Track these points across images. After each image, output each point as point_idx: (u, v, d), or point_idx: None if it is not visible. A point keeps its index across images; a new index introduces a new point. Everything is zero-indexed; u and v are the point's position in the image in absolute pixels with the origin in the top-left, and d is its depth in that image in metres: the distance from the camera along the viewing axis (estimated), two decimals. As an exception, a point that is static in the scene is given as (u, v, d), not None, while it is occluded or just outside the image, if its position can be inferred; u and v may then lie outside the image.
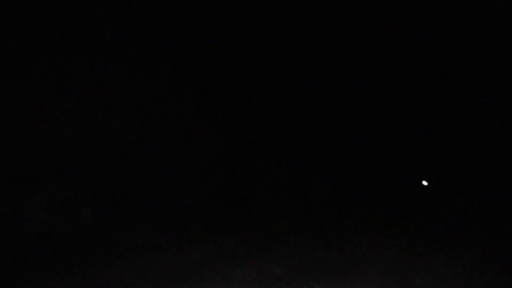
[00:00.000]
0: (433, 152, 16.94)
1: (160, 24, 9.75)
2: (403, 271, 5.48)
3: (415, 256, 6.41)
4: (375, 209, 13.06)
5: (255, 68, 11.94)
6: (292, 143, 13.21)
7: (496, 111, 14.35)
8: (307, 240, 7.64)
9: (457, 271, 5.56)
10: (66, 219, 7.34)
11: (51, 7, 8.38)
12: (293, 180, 13.07)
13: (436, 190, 16.23)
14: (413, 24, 11.55)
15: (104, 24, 8.61)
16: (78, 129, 7.87)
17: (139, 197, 8.58)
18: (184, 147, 9.92)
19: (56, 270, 5.07)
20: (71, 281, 4.68)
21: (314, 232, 8.68)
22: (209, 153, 10.54)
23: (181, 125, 9.92)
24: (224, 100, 11.24)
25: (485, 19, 10.74)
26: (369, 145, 16.00)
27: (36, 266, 5.25)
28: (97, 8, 9.18)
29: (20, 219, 6.87)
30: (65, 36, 7.92)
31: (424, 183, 10.63)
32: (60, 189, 7.48)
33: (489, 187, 15.07)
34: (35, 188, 7.22)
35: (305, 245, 7.09)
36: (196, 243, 6.96)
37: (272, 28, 11.30)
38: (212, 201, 10.00)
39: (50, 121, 7.50)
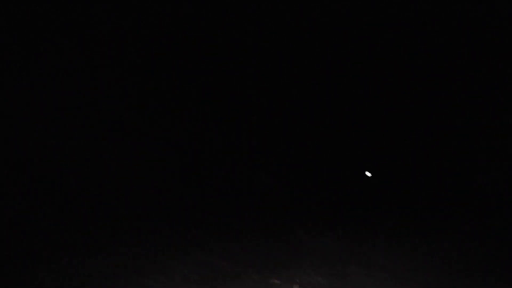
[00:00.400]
0: (371, 144, 16.78)
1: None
2: (340, 259, 5.70)
3: (353, 244, 6.82)
4: (314, 200, 13.07)
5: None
6: (233, 135, 13.19)
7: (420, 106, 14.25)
8: (249, 232, 7.71)
9: (394, 258, 5.83)
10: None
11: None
12: (236, 172, 13.05)
13: (375, 180, 16.11)
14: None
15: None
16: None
17: (74, 193, 8.35)
18: (124, 145, 9.85)
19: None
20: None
21: (255, 224, 8.72)
22: (141, 149, 10.47)
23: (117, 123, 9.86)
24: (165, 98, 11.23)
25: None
26: (311, 138, 15.92)
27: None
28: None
29: None
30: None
31: (368, 174, 10.79)
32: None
33: (425, 175, 15.06)
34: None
35: (247, 237, 7.21)
36: (134, 236, 6.80)
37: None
38: (151, 193, 9.89)
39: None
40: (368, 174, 10.07)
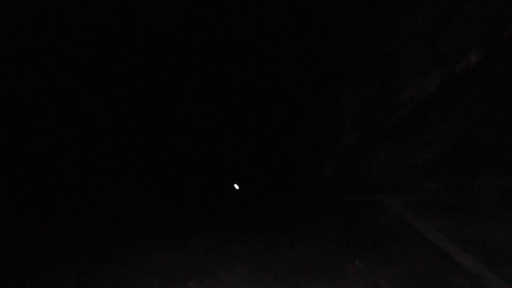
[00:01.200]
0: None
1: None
2: (186, 275, 5.64)
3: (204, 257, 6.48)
4: (161, 212, 11.61)
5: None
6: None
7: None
8: (83, 255, 7.03)
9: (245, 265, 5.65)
10: None
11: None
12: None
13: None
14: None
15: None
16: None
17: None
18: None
19: None
20: None
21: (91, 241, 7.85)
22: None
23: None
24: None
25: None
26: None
27: None
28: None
29: None
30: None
31: (236, 186, 9.74)
32: None
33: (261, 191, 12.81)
34: None
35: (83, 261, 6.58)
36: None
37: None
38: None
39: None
40: (236, 186, 9.60)
